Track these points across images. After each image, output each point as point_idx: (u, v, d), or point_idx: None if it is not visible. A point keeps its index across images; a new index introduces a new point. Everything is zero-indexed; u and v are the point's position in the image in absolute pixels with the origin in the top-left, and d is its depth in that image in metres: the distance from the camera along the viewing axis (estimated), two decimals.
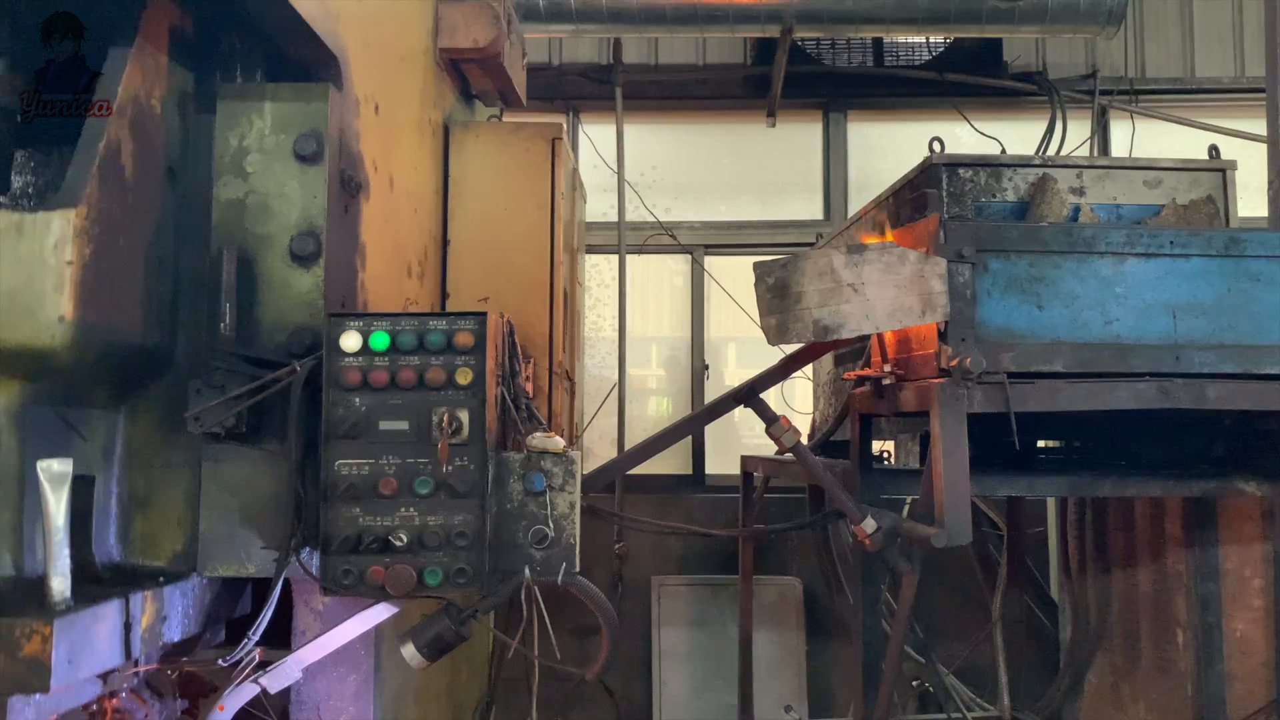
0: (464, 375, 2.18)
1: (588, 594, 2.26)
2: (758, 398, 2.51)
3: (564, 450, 2.22)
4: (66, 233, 1.98)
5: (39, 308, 1.97)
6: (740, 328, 6.71)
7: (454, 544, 2.15)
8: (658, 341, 6.73)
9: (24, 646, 1.80)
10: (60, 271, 1.97)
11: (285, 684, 2.29)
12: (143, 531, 2.33)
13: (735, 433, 6.76)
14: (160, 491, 2.34)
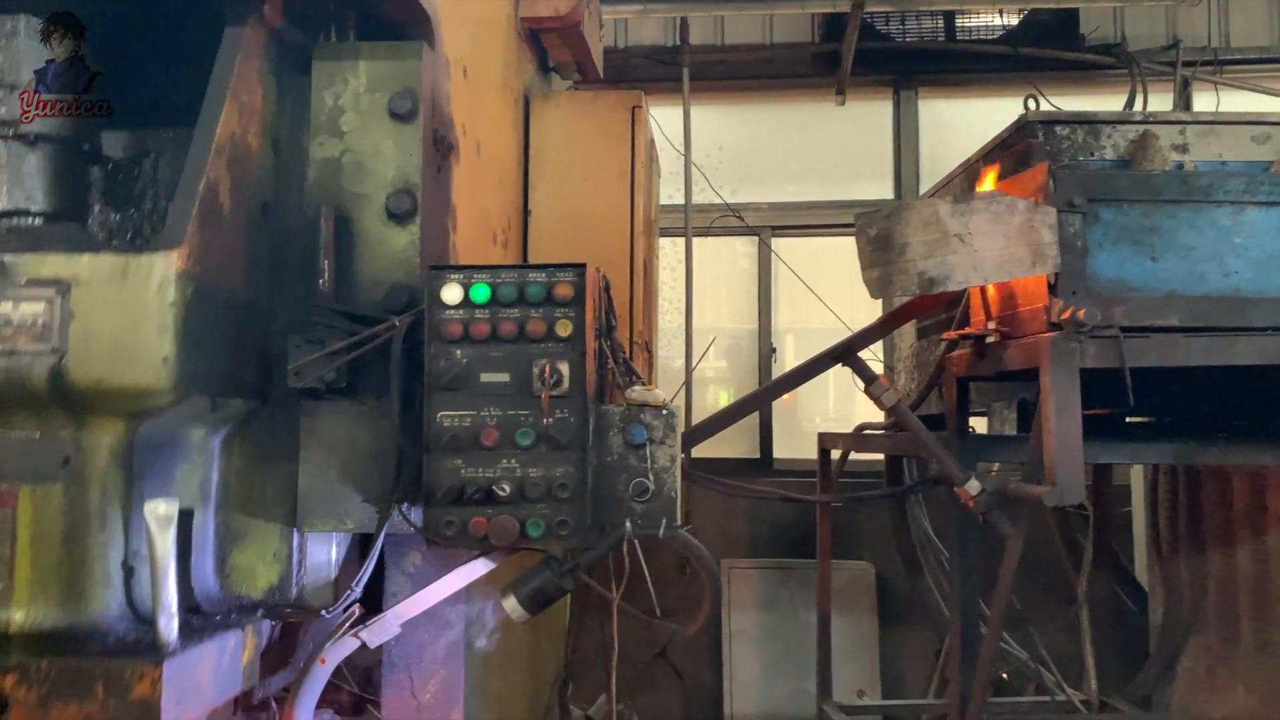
0: (564, 327, 2.16)
1: (690, 548, 2.23)
2: (855, 356, 2.45)
3: (664, 403, 2.19)
4: (169, 274, 1.97)
5: (144, 350, 1.95)
6: (799, 319, 6.65)
7: (555, 496, 2.13)
8: (716, 332, 6.68)
9: (134, 689, 1.80)
10: (164, 313, 1.96)
11: (384, 639, 2.29)
12: (239, 564, 2.33)
13: (798, 418, 6.70)
14: (257, 526, 2.34)
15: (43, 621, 1.99)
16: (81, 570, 2.01)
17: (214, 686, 2.01)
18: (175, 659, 1.84)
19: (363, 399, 2.32)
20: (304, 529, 2.34)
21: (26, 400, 1.99)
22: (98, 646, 1.92)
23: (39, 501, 2.01)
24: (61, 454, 2.01)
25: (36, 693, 1.79)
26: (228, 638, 2.06)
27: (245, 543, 2.33)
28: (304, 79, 2.44)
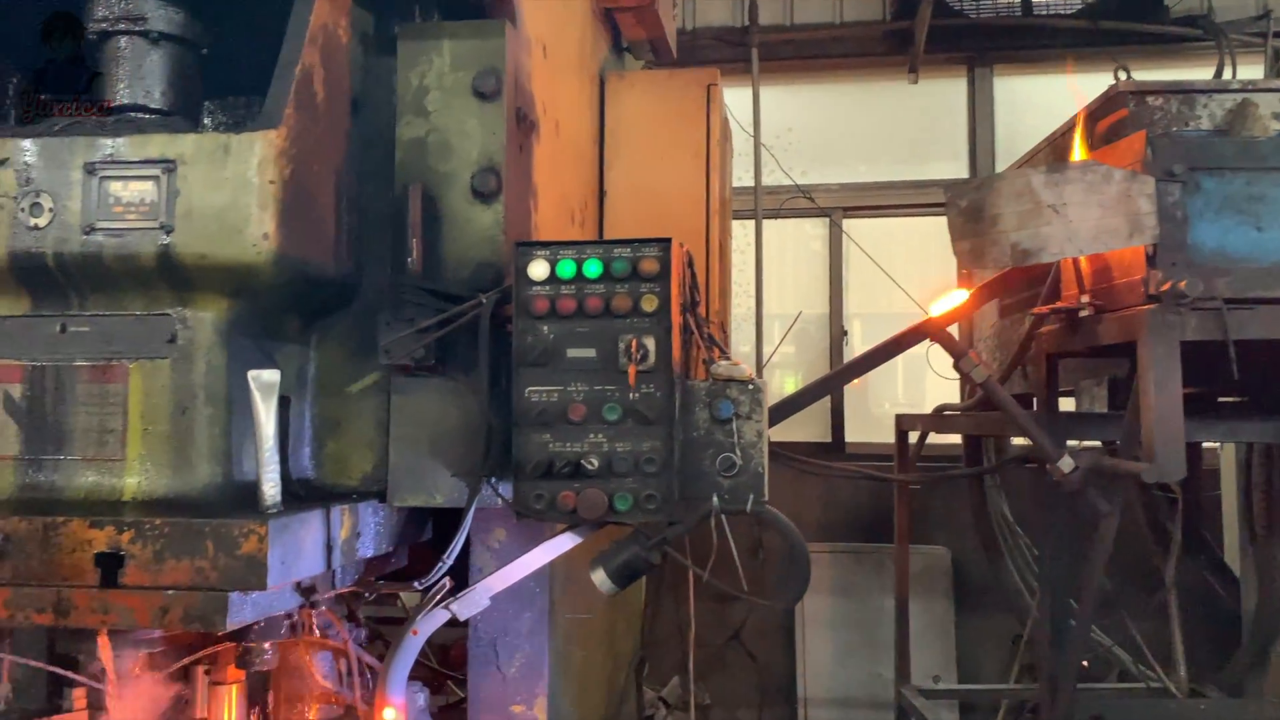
0: (649, 302, 2.16)
1: (777, 523, 2.22)
2: (944, 330, 2.41)
3: (750, 378, 2.18)
4: (269, 153, 2.05)
5: (245, 225, 2.04)
6: (868, 303, 6.56)
7: (642, 470, 2.13)
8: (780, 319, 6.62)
9: (242, 546, 1.87)
10: (264, 190, 2.04)
11: (473, 611, 2.32)
12: (334, 453, 2.41)
13: (868, 404, 6.63)
14: (350, 416, 2.42)
15: (153, 490, 2.10)
16: (188, 442, 2.11)
17: (314, 554, 2.06)
18: (279, 520, 1.90)
19: (451, 376, 2.36)
20: (395, 502, 2.38)
21: (136, 277, 2.09)
22: (203, 514, 1.98)
23: (148, 376, 2.12)
24: (169, 330, 2.11)
25: (151, 549, 1.87)
26: (329, 510, 2.12)
27: (340, 433, 2.41)
28: None
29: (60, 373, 2.15)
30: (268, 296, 2.19)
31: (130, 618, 1.89)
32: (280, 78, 2.12)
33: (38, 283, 2.13)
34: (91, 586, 1.89)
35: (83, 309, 2.15)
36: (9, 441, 2.15)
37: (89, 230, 2.06)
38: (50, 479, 2.13)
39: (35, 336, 2.15)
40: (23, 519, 1.92)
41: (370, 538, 2.34)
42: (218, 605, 1.87)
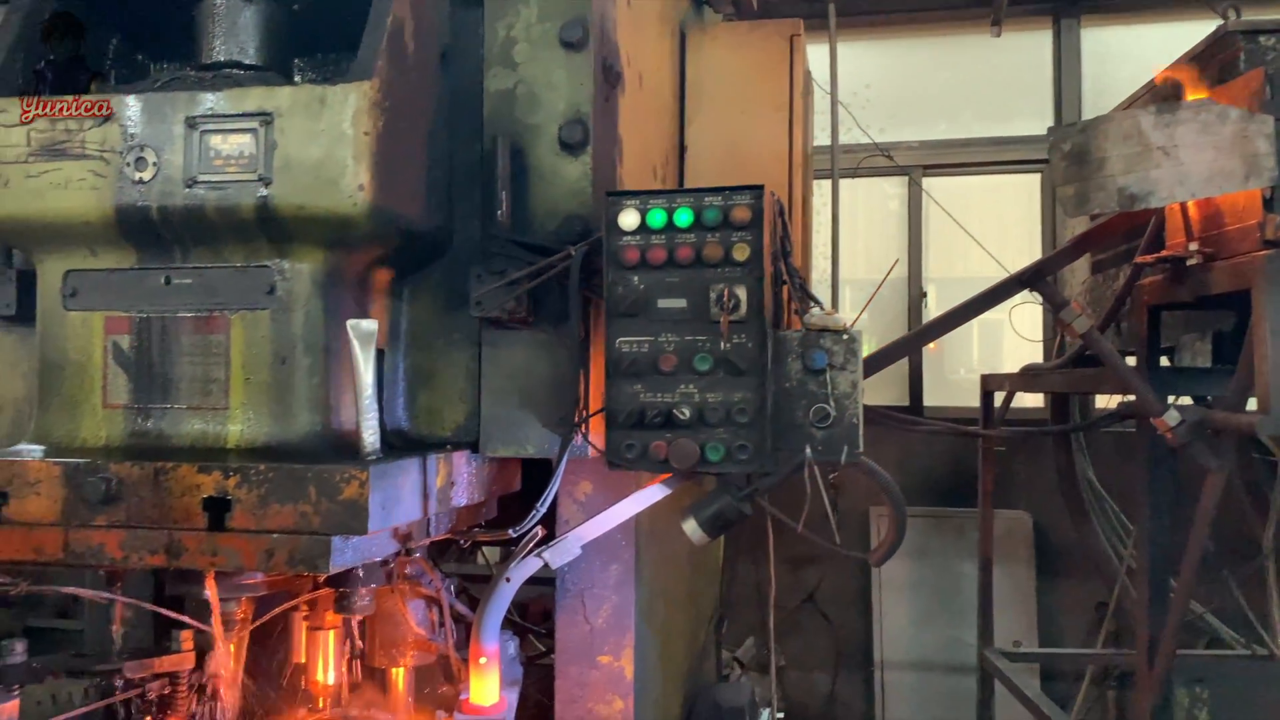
0: (741, 251, 2.13)
1: (873, 474, 2.19)
2: (1044, 280, 2.33)
3: (845, 328, 2.14)
4: (363, 104, 2.07)
5: (340, 177, 2.06)
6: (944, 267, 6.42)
7: (734, 421, 2.12)
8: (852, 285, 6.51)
9: (343, 490, 1.90)
10: (358, 142, 2.06)
11: (565, 560, 2.34)
12: (427, 405, 2.45)
13: (943, 370, 6.51)
14: (441, 368, 2.45)
15: (255, 438, 2.15)
16: (288, 391, 2.15)
17: (412, 500, 2.10)
18: (379, 466, 1.94)
19: (540, 328, 2.37)
20: (487, 452, 2.41)
21: (236, 229, 2.13)
22: (304, 461, 2.01)
23: (249, 327, 2.16)
24: (268, 282, 2.15)
25: (256, 493, 1.92)
26: (426, 458, 2.15)
27: (433, 384, 2.44)
28: None
29: (165, 324, 2.21)
30: (362, 248, 2.22)
31: (238, 560, 1.94)
32: (372, 30, 2.13)
33: (143, 236, 2.18)
34: (200, 529, 1.94)
35: (185, 262, 2.21)
36: (119, 390, 2.22)
37: (191, 183, 2.10)
38: (158, 426, 2.20)
39: (141, 289, 2.21)
40: (134, 464, 1.98)
41: (463, 487, 2.37)
42: (321, 549, 1.91)
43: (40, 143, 2.16)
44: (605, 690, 2.55)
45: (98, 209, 2.14)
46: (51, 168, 2.15)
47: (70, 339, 2.24)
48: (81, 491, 1.97)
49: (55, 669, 2.38)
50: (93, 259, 2.23)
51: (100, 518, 1.98)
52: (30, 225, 2.20)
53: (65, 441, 2.21)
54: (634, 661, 2.57)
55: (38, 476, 2.01)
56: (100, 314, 2.23)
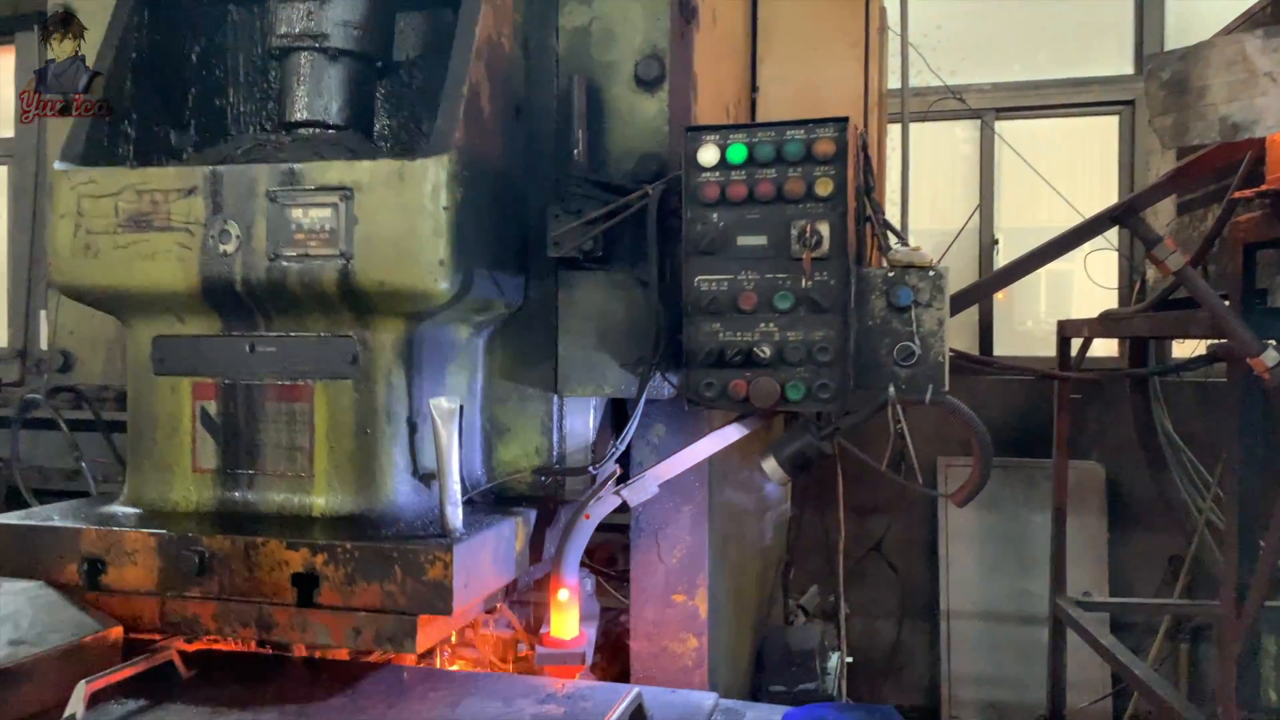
0: (823, 186, 2.10)
1: (959, 413, 2.16)
2: (1138, 216, 2.26)
3: (931, 264, 2.10)
4: (441, 178, 2.05)
5: (421, 252, 2.05)
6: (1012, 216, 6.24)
7: (815, 359, 2.10)
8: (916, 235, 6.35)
9: (428, 571, 1.92)
10: (438, 216, 2.05)
11: (643, 498, 2.35)
12: (504, 457, 2.46)
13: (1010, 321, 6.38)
14: (517, 421, 2.46)
15: (340, 507, 2.18)
16: (371, 460, 2.18)
17: (493, 571, 2.13)
18: (463, 545, 1.96)
19: (616, 268, 2.36)
20: (564, 394, 2.42)
21: (318, 301, 2.15)
22: (388, 530, 2.07)
23: (332, 396, 2.19)
24: (350, 352, 2.17)
25: (343, 571, 1.95)
26: (503, 526, 2.18)
27: (509, 438, 2.46)
28: None
29: (251, 390, 2.23)
30: (442, 317, 2.22)
31: (326, 636, 2.00)
32: (449, 99, 2.11)
33: (227, 305, 2.21)
34: (289, 604, 1.99)
35: (269, 330, 2.22)
36: (208, 455, 2.26)
37: (274, 257, 2.12)
38: (245, 495, 2.23)
39: (227, 355, 2.24)
40: (225, 537, 2.03)
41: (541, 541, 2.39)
42: (407, 628, 1.95)
43: (128, 214, 2.19)
44: (680, 628, 2.58)
45: (184, 280, 2.17)
46: (140, 239, 2.18)
47: (159, 403, 2.28)
48: (176, 563, 2.04)
49: None
50: (180, 325, 2.27)
51: (194, 589, 2.04)
52: (119, 294, 2.24)
53: (157, 505, 2.27)
54: (708, 601, 2.59)
55: (134, 547, 2.07)
56: (188, 379, 2.26)
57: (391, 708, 2.03)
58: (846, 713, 1.96)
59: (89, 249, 2.21)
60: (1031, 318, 6.51)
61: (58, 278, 2.27)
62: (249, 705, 2.00)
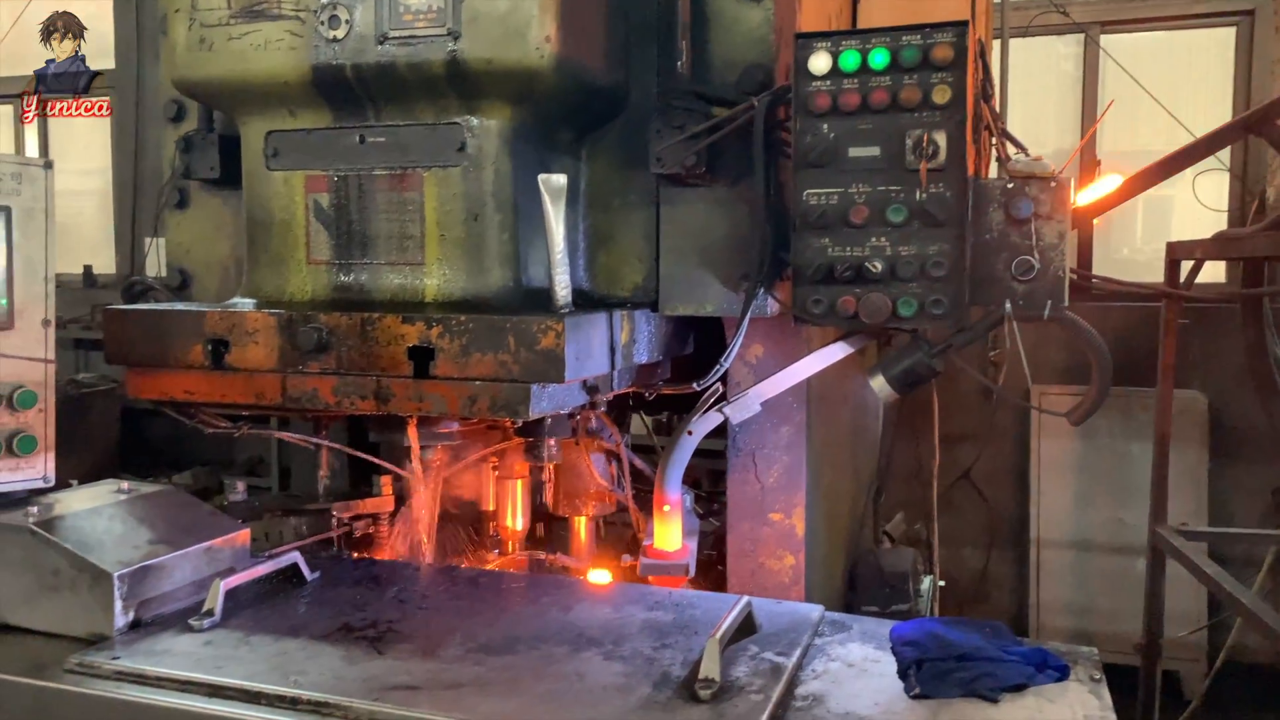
0: (941, 94, 2.02)
1: (1077, 329, 2.10)
2: (1272, 124, 2.13)
3: (1053, 174, 2.02)
4: None
5: (527, 29, 2.04)
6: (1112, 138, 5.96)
7: (929, 274, 2.05)
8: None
9: (540, 340, 1.94)
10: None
11: (745, 415, 2.36)
12: (606, 265, 2.46)
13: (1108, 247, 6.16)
14: (620, 228, 2.44)
15: (451, 292, 2.22)
16: (480, 246, 2.21)
17: (601, 353, 2.13)
18: (574, 318, 1.98)
19: (719, 183, 2.33)
20: (665, 311, 2.42)
21: (426, 86, 2.16)
22: (498, 314, 2.06)
23: (441, 184, 2.21)
24: (458, 139, 2.19)
25: (458, 343, 1.98)
26: (613, 314, 2.19)
27: (611, 245, 2.45)
28: None
29: (362, 181, 2.27)
30: (547, 103, 2.21)
31: (443, 405, 2.02)
32: None
33: (337, 95, 2.23)
34: (406, 377, 2.02)
35: (379, 120, 2.25)
36: (322, 247, 2.31)
37: (382, 40, 2.12)
38: (359, 281, 2.28)
39: (338, 147, 2.27)
40: (343, 314, 2.07)
41: (644, 345, 2.39)
42: (521, 395, 1.97)
43: (240, 4, 2.21)
44: (776, 546, 2.59)
45: (295, 69, 2.19)
46: (251, 29, 2.20)
47: (274, 198, 2.33)
48: (295, 340, 2.07)
49: (271, 508, 2.57)
50: (292, 119, 2.30)
51: (313, 365, 2.08)
52: (232, 86, 2.28)
53: (275, 296, 2.33)
54: (805, 520, 2.60)
55: (255, 326, 2.12)
56: (301, 173, 2.30)
57: (506, 610, 2.09)
58: (955, 627, 1.96)
59: (203, 42, 2.24)
60: (1128, 245, 6.28)
61: (174, 73, 2.31)
62: (369, 605, 2.08)
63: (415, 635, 1.94)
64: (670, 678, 1.77)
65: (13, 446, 2.05)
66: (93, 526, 2.00)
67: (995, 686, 1.76)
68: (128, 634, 1.91)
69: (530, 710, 1.63)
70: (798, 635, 1.97)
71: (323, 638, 1.92)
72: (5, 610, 1.99)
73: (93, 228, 7.22)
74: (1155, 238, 6.02)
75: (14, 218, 2.04)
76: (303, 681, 1.72)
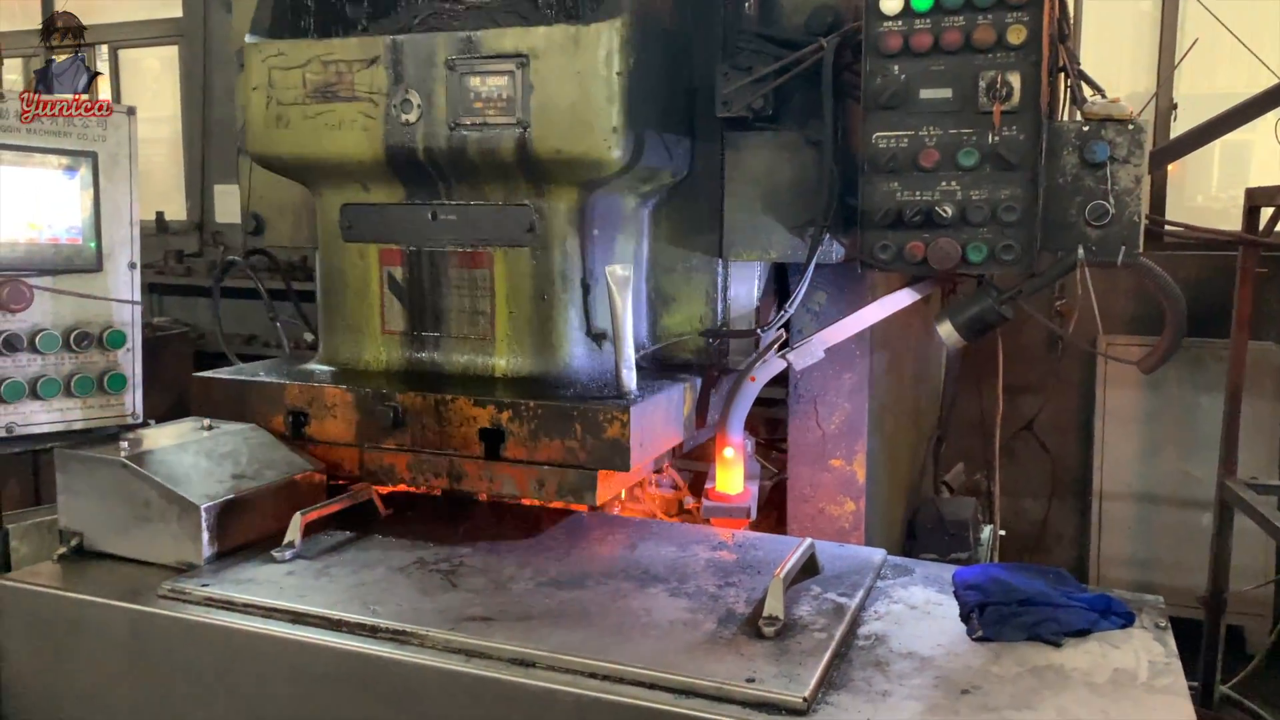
0: (1016, 34, 1.98)
1: (1151, 275, 2.07)
2: None
3: (1130, 116, 1.97)
4: (614, 43, 2.05)
5: (595, 120, 2.07)
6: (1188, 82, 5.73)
7: (1000, 219, 2.03)
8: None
9: (607, 430, 2.00)
10: (612, 83, 2.06)
11: (808, 362, 2.36)
12: (668, 325, 2.51)
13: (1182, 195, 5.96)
14: (682, 292, 2.50)
15: (520, 369, 2.30)
16: (548, 324, 2.27)
17: (664, 432, 2.21)
18: (638, 405, 2.03)
19: (786, 128, 2.32)
20: (729, 258, 2.43)
21: (496, 170, 2.21)
22: (565, 391, 2.15)
23: (510, 263, 2.27)
24: (528, 220, 2.24)
25: (527, 428, 2.06)
26: (674, 390, 2.24)
27: (674, 307, 2.51)
28: None
29: (434, 257, 2.33)
30: (614, 185, 2.24)
31: (512, 487, 2.12)
32: None
33: (410, 174, 2.28)
34: (478, 457, 2.11)
35: (450, 198, 2.30)
36: (395, 318, 2.38)
37: (454, 125, 2.17)
38: (432, 355, 2.36)
39: (410, 222, 2.33)
40: (417, 394, 2.15)
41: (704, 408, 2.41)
42: (588, 483, 2.05)
43: (315, 84, 2.26)
44: (837, 492, 2.61)
45: (369, 149, 2.25)
46: (326, 109, 2.26)
47: (350, 269, 2.40)
48: (372, 417, 2.17)
49: None
50: (365, 194, 2.36)
51: (389, 441, 2.18)
52: (309, 163, 2.35)
53: (350, 364, 2.42)
54: (866, 466, 2.61)
55: (334, 401, 2.22)
56: (375, 246, 2.37)
57: (574, 547, 2.15)
58: (1019, 572, 1.96)
59: (280, 120, 2.31)
60: (1203, 192, 6.07)
61: (253, 148, 2.40)
62: (442, 541, 2.15)
63: (487, 569, 2.01)
64: (734, 615, 1.81)
65: (104, 384, 2.14)
66: (179, 461, 2.09)
67: (1058, 631, 1.77)
68: (214, 563, 2.01)
69: (599, 642, 1.69)
70: (860, 577, 2.00)
71: (399, 570, 2.00)
72: (99, 539, 2.10)
73: (163, 175, 7.37)
74: (1233, 184, 5.81)
75: (100, 163, 2.11)
76: (381, 611, 1.80)
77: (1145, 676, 1.67)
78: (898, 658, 1.72)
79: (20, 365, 2.04)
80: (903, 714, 1.54)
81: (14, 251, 2.02)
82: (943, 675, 1.65)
